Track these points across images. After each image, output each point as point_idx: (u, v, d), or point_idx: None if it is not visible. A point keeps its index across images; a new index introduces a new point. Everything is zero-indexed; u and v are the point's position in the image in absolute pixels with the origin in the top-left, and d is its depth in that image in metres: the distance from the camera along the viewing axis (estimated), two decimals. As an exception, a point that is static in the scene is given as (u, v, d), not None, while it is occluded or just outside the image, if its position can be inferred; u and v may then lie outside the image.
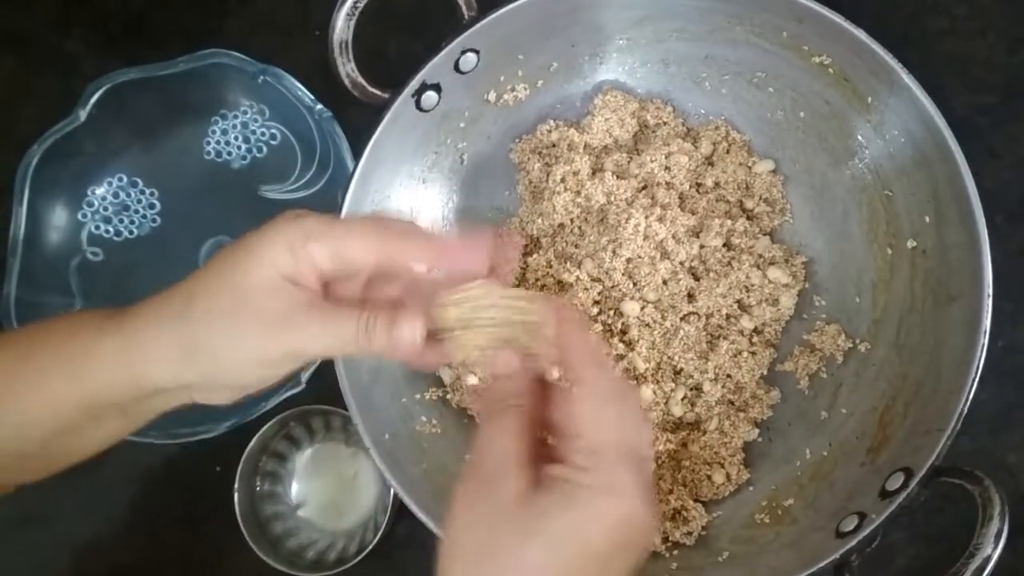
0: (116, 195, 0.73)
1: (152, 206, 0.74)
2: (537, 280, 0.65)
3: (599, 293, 0.63)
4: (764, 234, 0.67)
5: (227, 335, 0.41)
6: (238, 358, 0.41)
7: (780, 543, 0.58)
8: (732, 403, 0.65)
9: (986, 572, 0.47)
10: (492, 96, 0.66)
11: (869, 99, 0.60)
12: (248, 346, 0.41)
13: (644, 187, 0.66)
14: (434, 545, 0.38)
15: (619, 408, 0.39)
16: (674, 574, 0.60)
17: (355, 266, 0.42)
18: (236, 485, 0.65)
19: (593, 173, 0.66)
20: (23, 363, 0.44)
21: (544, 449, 0.40)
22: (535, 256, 0.66)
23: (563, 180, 0.65)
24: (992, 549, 0.47)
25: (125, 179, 0.73)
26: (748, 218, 0.67)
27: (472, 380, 0.63)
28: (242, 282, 0.40)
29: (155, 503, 0.72)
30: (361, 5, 0.56)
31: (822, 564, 0.53)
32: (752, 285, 0.65)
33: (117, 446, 0.48)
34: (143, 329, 0.42)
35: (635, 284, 0.64)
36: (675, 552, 0.61)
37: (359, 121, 0.68)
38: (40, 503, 0.72)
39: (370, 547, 0.64)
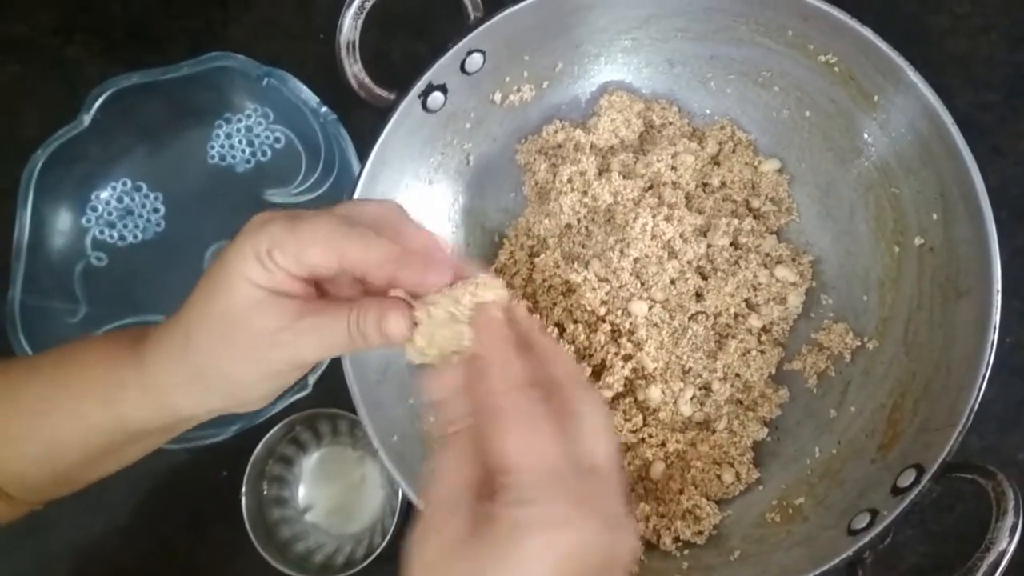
0: (120, 200, 0.73)
1: (156, 210, 0.73)
2: (544, 280, 0.65)
3: (607, 293, 0.63)
4: (771, 233, 0.67)
5: (229, 361, 0.41)
6: (246, 380, 0.42)
7: (791, 541, 0.58)
8: (741, 402, 0.65)
9: (1001, 566, 0.47)
10: (498, 97, 0.66)
11: (875, 97, 0.60)
12: (250, 368, 0.41)
13: (650, 187, 0.67)
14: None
15: (542, 435, 0.36)
16: (685, 573, 0.60)
17: (319, 274, 0.41)
18: (243, 490, 0.65)
19: (599, 173, 0.66)
20: (58, 390, 0.45)
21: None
22: (542, 256, 0.66)
23: (570, 180, 0.65)
24: (1007, 543, 0.47)
25: (129, 183, 0.73)
26: (755, 217, 0.67)
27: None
28: (227, 307, 0.40)
29: (161, 508, 0.72)
30: (368, 6, 0.56)
31: (834, 562, 0.53)
32: (760, 284, 0.65)
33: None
34: (158, 364, 0.43)
35: (643, 284, 0.64)
36: (686, 551, 0.61)
37: (363, 123, 0.69)
38: (45, 508, 0.72)
39: (378, 551, 0.64)
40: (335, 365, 0.58)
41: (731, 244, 0.65)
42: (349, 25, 0.57)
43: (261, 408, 0.46)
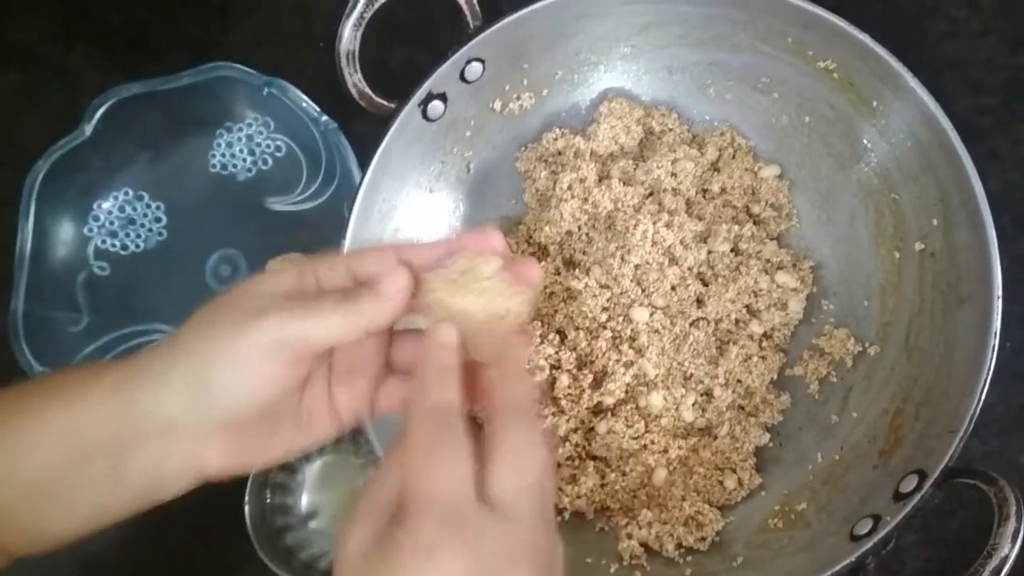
0: (122, 209, 0.73)
1: (158, 219, 0.74)
2: (545, 287, 0.65)
3: (608, 300, 0.63)
4: (771, 239, 0.67)
5: (209, 338, 0.39)
6: (222, 359, 0.38)
7: (794, 547, 0.58)
8: (743, 408, 0.65)
9: (1004, 572, 0.47)
10: (498, 105, 0.67)
11: (874, 103, 0.61)
12: (229, 341, 0.38)
13: (651, 193, 0.67)
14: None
15: (437, 459, 0.35)
16: (688, 580, 0.60)
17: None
18: (247, 498, 0.65)
19: (600, 180, 0.66)
20: (25, 396, 0.42)
21: None
22: (544, 264, 0.66)
23: (570, 187, 0.65)
24: (1010, 549, 0.47)
25: (131, 193, 0.73)
26: (755, 223, 0.67)
27: None
28: (223, 298, 0.40)
29: (164, 517, 0.71)
30: (368, 16, 0.57)
31: (837, 568, 0.53)
32: (760, 290, 0.65)
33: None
34: (135, 361, 0.41)
35: (644, 290, 0.64)
36: (689, 558, 0.61)
37: (364, 131, 0.69)
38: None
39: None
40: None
41: (732, 250, 0.66)
42: (349, 35, 0.57)
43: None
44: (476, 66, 0.61)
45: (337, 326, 0.38)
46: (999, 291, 0.54)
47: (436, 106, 0.61)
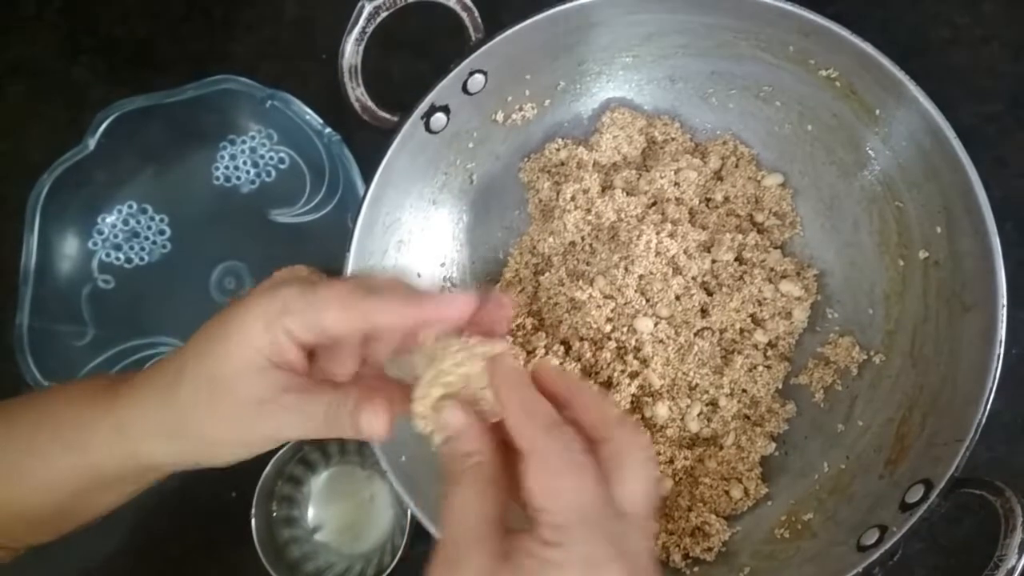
0: (126, 222, 0.73)
1: (162, 232, 0.74)
2: (550, 298, 0.65)
3: (612, 310, 0.63)
4: (775, 247, 0.67)
5: (209, 423, 0.41)
6: (220, 442, 0.42)
7: (801, 557, 0.58)
8: (748, 418, 0.65)
9: (1011, 584, 0.47)
10: (500, 116, 0.67)
11: (877, 111, 0.61)
12: (228, 433, 0.42)
13: (654, 203, 0.67)
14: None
15: (577, 477, 0.35)
16: (695, 591, 0.60)
17: (334, 336, 0.41)
18: (253, 511, 0.65)
19: (603, 190, 0.66)
20: (33, 436, 0.45)
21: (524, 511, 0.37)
22: (547, 275, 0.66)
23: (573, 198, 0.66)
24: (1016, 560, 0.47)
25: (135, 206, 0.73)
26: (759, 232, 0.67)
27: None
28: (221, 370, 0.40)
29: (171, 529, 0.72)
30: (370, 30, 0.57)
31: (844, 578, 0.53)
32: (765, 299, 0.65)
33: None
34: (133, 411, 0.43)
35: (648, 300, 0.64)
36: (696, 569, 0.61)
37: (367, 142, 0.69)
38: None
39: (388, 570, 0.64)
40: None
41: (735, 259, 0.66)
42: (351, 50, 0.57)
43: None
44: (478, 78, 0.61)
45: (323, 434, 0.41)
46: (1004, 299, 0.54)
47: (439, 118, 0.61)
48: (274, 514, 0.67)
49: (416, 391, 0.39)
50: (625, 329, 0.63)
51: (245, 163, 0.74)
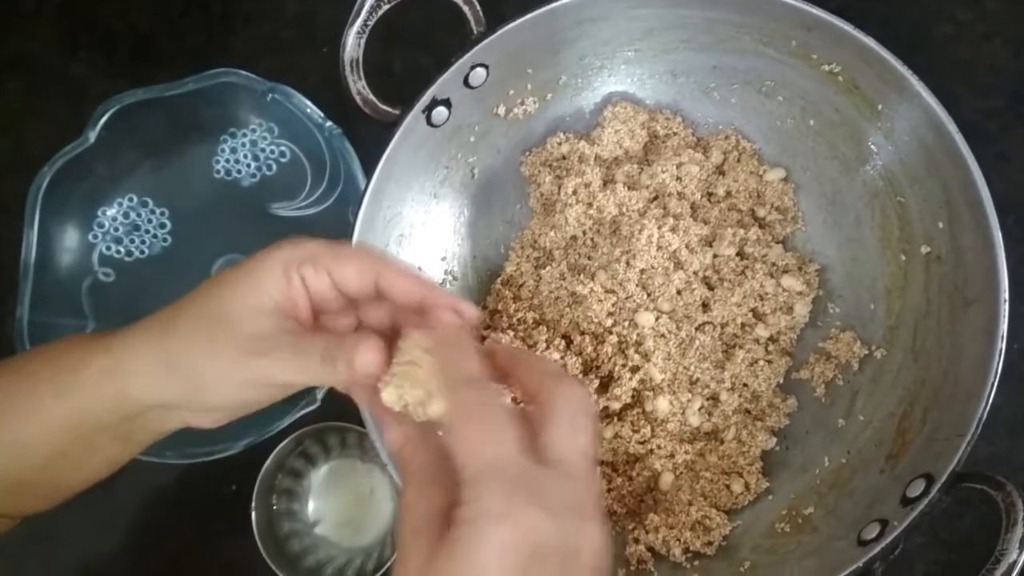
0: (126, 215, 0.73)
1: (163, 225, 0.74)
2: (551, 292, 0.65)
3: (613, 304, 0.63)
4: (777, 242, 0.67)
5: (202, 353, 0.41)
6: (213, 378, 0.42)
7: (802, 552, 0.58)
8: (749, 412, 0.65)
9: (1012, 578, 0.47)
10: (502, 110, 0.67)
11: (879, 106, 0.60)
12: (220, 366, 0.41)
13: (656, 198, 0.67)
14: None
15: (491, 427, 0.35)
16: (696, 585, 0.60)
17: (347, 290, 0.42)
18: (253, 504, 0.65)
19: (604, 185, 0.66)
20: (15, 386, 0.45)
21: None
22: (548, 269, 0.66)
23: (575, 192, 0.65)
24: (1017, 555, 0.47)
25: (135, 199, 0.73)
26: (760, 227, 0.67)
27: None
28: (228, 304, 0.41)
29: (170, 522, 0.72)
30: (371, 23, 0.56)
31: (845, 573, 0.53)
32: (766, 293, 0.65)
33: (130, 464, 0.49)
34: (127, 346, 0.43)
35: (649, 295, 0.64)
36: (696, 562, 0.61)
37: (368, 136, 0.69)
38: (52, 522, 0.71)
39: (388, 563, 0.64)
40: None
41: (737, 254, 0.66)
42: (352, 43, 0.57)
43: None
44: (480, 71, 0.61)
45: (317, 377, 0.41)
46: (1006, 293, 0.54)
47: (440, 112, 0.61)
48: (274, 507, 0.67)
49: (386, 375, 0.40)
50: (626, 323, 0.63)
51: (246, 156, 0.74)
